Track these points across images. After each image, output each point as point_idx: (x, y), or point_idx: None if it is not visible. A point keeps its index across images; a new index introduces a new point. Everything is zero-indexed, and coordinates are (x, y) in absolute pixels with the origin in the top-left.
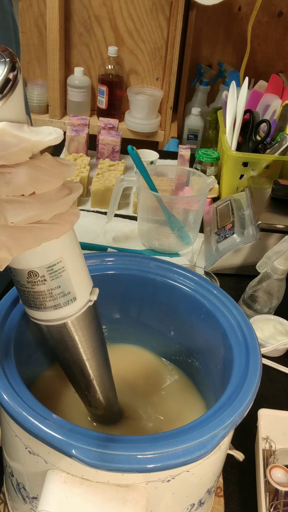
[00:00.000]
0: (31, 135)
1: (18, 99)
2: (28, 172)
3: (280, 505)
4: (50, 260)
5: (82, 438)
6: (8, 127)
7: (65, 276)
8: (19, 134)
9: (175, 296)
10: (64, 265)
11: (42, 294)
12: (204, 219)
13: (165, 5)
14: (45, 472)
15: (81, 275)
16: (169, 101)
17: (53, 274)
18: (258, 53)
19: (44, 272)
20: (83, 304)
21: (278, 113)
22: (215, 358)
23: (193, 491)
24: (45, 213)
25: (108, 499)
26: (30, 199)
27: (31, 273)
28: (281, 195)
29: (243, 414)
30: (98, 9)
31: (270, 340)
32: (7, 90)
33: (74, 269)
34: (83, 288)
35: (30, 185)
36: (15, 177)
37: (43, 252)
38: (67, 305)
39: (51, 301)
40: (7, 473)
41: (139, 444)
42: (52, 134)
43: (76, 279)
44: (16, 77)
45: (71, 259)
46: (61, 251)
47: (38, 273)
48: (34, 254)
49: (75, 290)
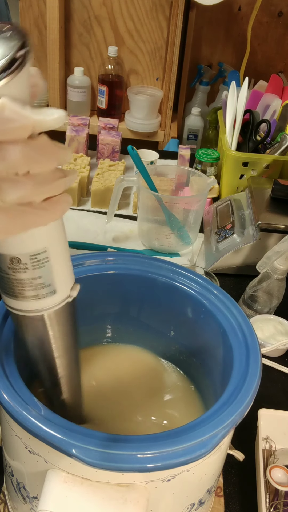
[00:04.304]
0: (32, 113)
1: (25, 79)
2: (24, 150)
3: (280, 505)
4: (35, 248)
5: (82, 438)
6: (10, 103)
7: (48, 267)
8: (20, 111)
9: (175, 296)
10: (48, 256)
11: (22, 283)
12: (204, 219)
13: (165, 5)
14: (45, 471)
15: (64, 269)
16: (169, 101)
17: (36, 263)
18: (258, 53)
19: (27, 260)
20: (63, 299)
21: (278, 113)
22: (215, 358)
23: (193, 490)
24: (38, 194)
25: (108, 498)
26: (24, 178)
27: (13, 259)
28: (281, 195)
29: (243, 413)
30: (98, 9)
31: (270, 340)
32: (14, 68)
33: (58, 261)
34: (65, 282)
35: (24, 164)
36: (10, 154)
37: (30, 239)
38: (46, 297)
39: (31, 291)
40: (7, 473)
41: (139, 443)
42: (54, 114)
43: (59, 272)
44: (24, 57)
45: (56, 250)
46: (48, 241)
47: (21, 260)
48: (20, 240)
49: (56, 283)
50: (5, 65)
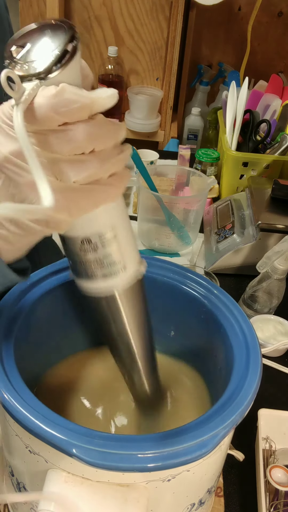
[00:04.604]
0: (90, 94)
1: (77, 70)
2: (87, 129)
3: (280, 505)
4: (103, 227)
5: (83, 438)
6: (69, 86)
7: (117, 244)
8: (79, 92)
9: (175, 296)
10: (116, 233)
11: (95, 262)
12: (204, 219)
13: (165, 5)
14: (45, 471)
15: (131, 245)
16: (169, 101)
17: (105, 242)
18: (258, 53)
19: (97, 239)
20: (133, 275)
21: (278, 113)
22: (215, 358)
23: (194, 490)
24: (104, 171)
25: (109, 498)
26: (90, 157)
27: (84, 241)
28: (281, 195)
29: (244, 413)
30: (98, 9)
31: (270, 340)
32: (67, 59)
33: (125, 238)
34: (133, 258)
35: (89, 143)
36: (76, 134)
37: (96, 218)
38: (118, 275)
39: (103, 269)
40: (7, 473)
41: (140, 443)
42: (108, 92)
43: (127, 248)
44: (75, 48)
45: (122, 227)
46: (114, 218)
47: (91, 240)
48: (88, 220)
49: (125, 260)
50: (58, 56)
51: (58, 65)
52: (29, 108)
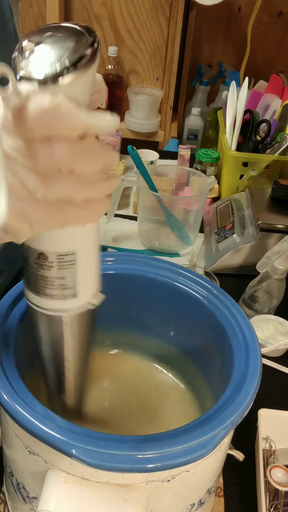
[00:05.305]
0: (87, 116)
1: (89, 81)
2: (71, 149)
3: (280, 505)
4: (64, 249)
5: (82, 438)
6: (66, 101)
7: (73, 270)
8: (74, 111)
9: (175, 296)
10: (75, 259)
11: (45, 280)
12: (204, 219)
13: (165, 5)
14: (45, 472)
15: (89, 275)
16: (169, 101)
17: (62, 264)
18: (258, 53)
19: (54, 258)
20: (83, 304)
21: (278, 113)
22: (215, 358)
23: (193, 491)
24: (78, 193)
25: (108, 499)
26: (65, 177)
27: (40, 255)
28: (281, 195)
29: (243, 414)
30: (98, 9)
31: (270, 340)
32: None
33: (85, 266)
34: (87, 288)
35: (69, 163)
36: (57, 151)
37: (60, 238)
38: (66, 299)
39: (52, 290)
40: (7, 473)
41: (139, 444)
42: (108, 119)
43: (83, 277)
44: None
45: (85, 255)
46: (78, 244)
47: (47, 257)
48: (50, 237)
49: (78, 287)
50: (73, 61)
51: (71, 69)
52: (20, 110)
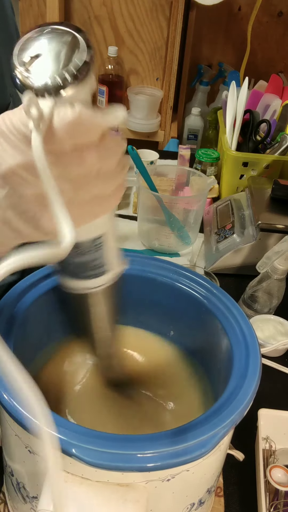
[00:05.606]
0: (101, 117)
1: (89, 84)
2: (98, 153)
3: (280, 505)
4: (97, 233)
5: (82, 437)
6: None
7: (105, 249)
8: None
9: (175, 296)
10: (106, 239)
11: (84, 264)
12: (204, 219)
13: (165, 5)
14: (45, 471)
15: (115, 250)
16: (169, 101)
17: (96, 247)
18: (258, 53)
19: (89, 243)
20: (114, 276)
21: (278, 113)
22: (215, 358)
23: (193, 490)
24: (107, 188)
25: (108, 498)
26: (97, 176)
27: (77, 245)
28: (281, 195)
29: (243, 413)
30: (98, 9)
31: (270, 340)
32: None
33: (112, 243)
34: (116, 261)
35: (99, 165)
36: (88, 158)
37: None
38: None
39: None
40: (7, 473)
41: (139, 443)
42: (119, 117)
43: (112, 253)
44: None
45: (111, 233)
46: (106, 226)
47: (83, 244)
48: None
49: (109, 263)
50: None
51: (75, 82)
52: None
